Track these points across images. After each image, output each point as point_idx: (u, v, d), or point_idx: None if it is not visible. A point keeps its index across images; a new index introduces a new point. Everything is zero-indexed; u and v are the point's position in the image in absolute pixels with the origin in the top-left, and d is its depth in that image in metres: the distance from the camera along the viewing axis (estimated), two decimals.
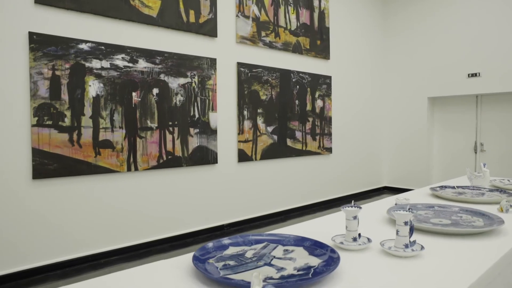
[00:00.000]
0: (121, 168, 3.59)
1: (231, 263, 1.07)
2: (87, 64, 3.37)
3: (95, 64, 3.42)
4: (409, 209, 1.26)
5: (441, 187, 2.35)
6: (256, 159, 4.73)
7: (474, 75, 5.83)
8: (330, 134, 5.76)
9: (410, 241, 1.20)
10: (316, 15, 5.49)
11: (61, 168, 3.23)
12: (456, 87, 6.07)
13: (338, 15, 5.94)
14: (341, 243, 1.25)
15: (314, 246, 1.19)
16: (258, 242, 1.25)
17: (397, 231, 1.20)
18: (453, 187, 2.39)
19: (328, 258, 1.09)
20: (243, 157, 4.59)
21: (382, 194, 6.79)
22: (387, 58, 6.96)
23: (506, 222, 1.55)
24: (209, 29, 4.23)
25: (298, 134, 5.26)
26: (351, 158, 6.28)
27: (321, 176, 5.71)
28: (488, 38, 5.69)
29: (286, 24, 5.07)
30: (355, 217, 1.26)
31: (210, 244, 1.20)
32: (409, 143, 6.71)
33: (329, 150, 5.76)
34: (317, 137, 5.55)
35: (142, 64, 3.72)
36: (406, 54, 6.67)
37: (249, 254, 1.15)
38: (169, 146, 3.93)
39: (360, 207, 1.28)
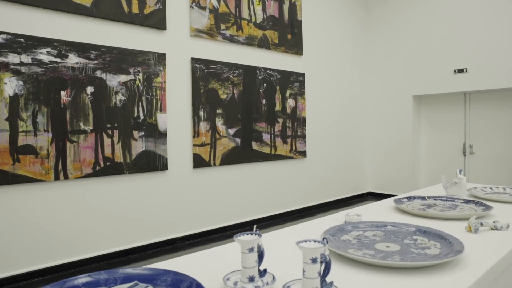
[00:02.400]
0: (47, 177, 3.16)
1: None
2: (1, 59, 2.95)
3: (12, 58, 3.00)
4: (323, 239, 0.92)
5: (409, 198, 2.03)
6: (215, 165, 4.29)
7: (460, 71, 5.36)
8: (304, 137, 5.30)
9: (324, 283, 0.89)
10: (286, 7, 5.05)
11: None
12: (442, 84, 5.60)
13: (313, 7, 5.49)
14: (235, 283, 0.96)
15: None
16: (126, 280, 0.96)
17: (304, 271, 0.87)
18: (424, 198, 2.05)
19: None
20: (199, 162, 4.16)
21: (365, 200, 6.32)
22: (368, 53, 6.50)
23: (468, 247, 1.26)
24: (156, 21, 3.81)
25: (266, 137, 4.81)
26: (329, 162, 5.82)
27: (294, 182, 5.25)
28: (475, 31, 5.22)
29: (251, 16, 4.63)
30: (251, 249, 0.95)
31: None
32: (394, 145, 6.23)
33: (303, 153, 5.30)
34: (289, 140, 5.10)
35: (73, 59, 3.30)
36: (389, 48, 6.21)
37: None
38: (108, 151, 3.50)
39: (260, 235, 0.98)
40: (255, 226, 1.10)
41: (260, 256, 0.98)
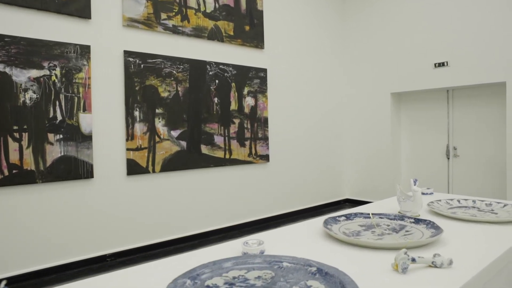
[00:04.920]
0: None
1: None
2: None
3: None
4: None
5: (349, 216, 1.63)
6: (154, 171, 3.80)
7: (441, 64, 4.81)
8: (266, 139, 4.79)
9: None
10: None
11: None
12: (422, 80, 5.05)
13: None
14: None
15: None
16: None
17: None
18: (368, 215, 1.64)
19: None
20: (134, 169, 3.67)
21: (342, 208, 5.78)
22: (343, 46, 5.96)
23: None
24: (77, 8, 3.34)
25: (219, 139, 4.31)
26: (298, 166, 5.29)
27: (256, 189, 4.74)
28: (455, 21, 4.67)
29: (199, 5, 4.15)
30: None
31: None
32: (372, 147, 5.68)
33: (265, 158, 4.78)
34: (247, 143, 4.59)
35: None
36: (366, 40, 5.67)
37: None
38: (14, 157, 3.03)
39: None
40: (3, 283, 0.72)
41: None
